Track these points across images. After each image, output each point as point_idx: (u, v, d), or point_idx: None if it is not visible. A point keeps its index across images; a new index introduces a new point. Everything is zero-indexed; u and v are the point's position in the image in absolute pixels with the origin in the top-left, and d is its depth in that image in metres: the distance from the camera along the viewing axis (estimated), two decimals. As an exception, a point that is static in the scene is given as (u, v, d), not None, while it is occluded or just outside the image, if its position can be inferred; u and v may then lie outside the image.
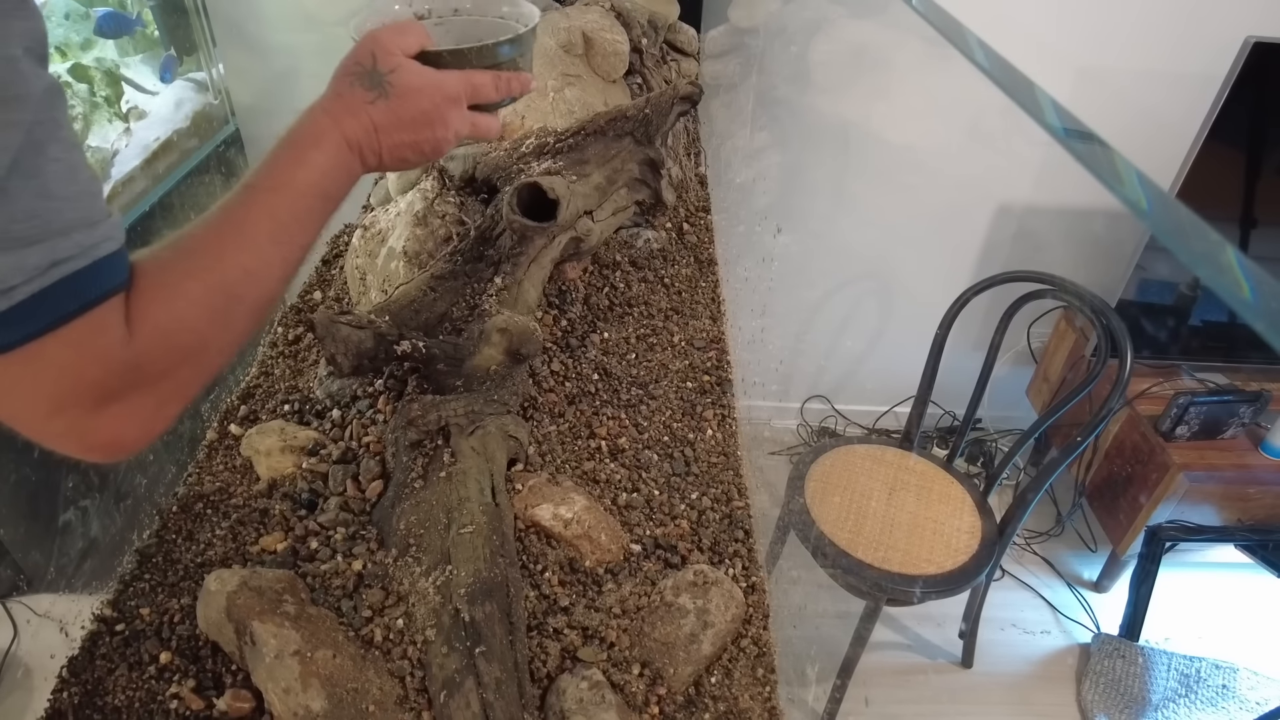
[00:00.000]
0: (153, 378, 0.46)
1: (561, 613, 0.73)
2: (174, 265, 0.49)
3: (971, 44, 0.59)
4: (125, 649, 0.70)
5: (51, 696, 0.66)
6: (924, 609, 1.98)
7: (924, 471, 1.68)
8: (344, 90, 0.64)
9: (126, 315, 0.45)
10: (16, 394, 0.42)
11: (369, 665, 0.66)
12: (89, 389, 0.43)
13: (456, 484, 0.77)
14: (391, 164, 0.67)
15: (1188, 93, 1.74)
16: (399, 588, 0.71)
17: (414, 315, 0.95)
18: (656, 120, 1.20)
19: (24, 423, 0.43)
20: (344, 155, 0.62)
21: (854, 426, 2.47)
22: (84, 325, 0.42)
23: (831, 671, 1.65)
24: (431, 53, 0.68)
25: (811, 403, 2.49)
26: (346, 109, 0.63)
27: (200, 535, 0.80)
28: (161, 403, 0.47)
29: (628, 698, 0.67)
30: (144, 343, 0.45)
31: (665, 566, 0.80)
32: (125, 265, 0.45)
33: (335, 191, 0.61)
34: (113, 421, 0.45)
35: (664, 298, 1.19)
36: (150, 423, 0.47)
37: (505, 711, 0.61)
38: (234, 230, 0.53)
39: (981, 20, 1.74)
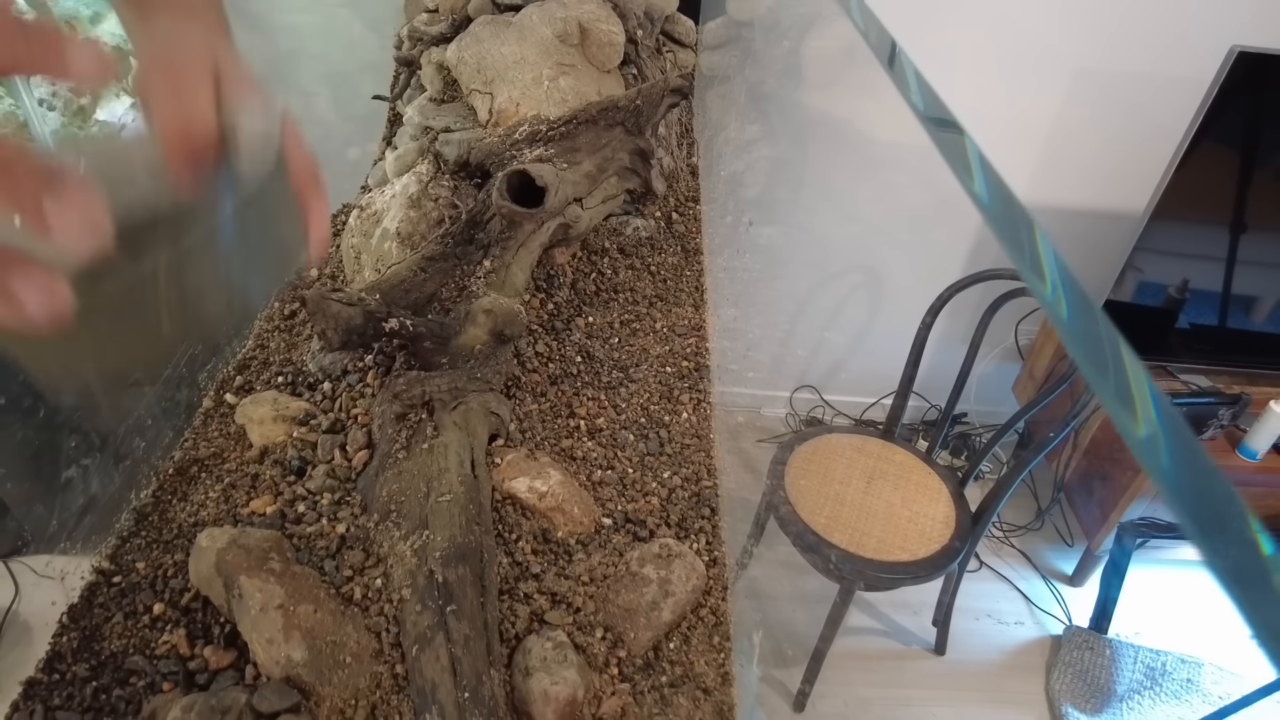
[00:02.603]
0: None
1: (532, 579, 0.78)
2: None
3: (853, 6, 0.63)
4: (121, 599, 0.74)
5: (52, 640, 0.71)
6: (900, 597, 2.02)
7: (903, 462, 1.72)
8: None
9: None
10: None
11: (348, 621, 0.70)
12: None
13: (437, 455, 0.81)
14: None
15: (1179, 97, 1.76)
16: (379, 550, 0.75)
17: (404, 294, 0.99)
18: (647, 111, 1.23)
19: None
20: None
21: (842, 417, 2.52)
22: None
23: (806, 653, 1.70)
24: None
25: (801, 392, 2.53)
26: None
27: (194, 496, 0.84)
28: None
29: (589, 658, 0.72)
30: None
31: (634, 539, 0.84)
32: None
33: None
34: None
35: (649, 285, 1.23)
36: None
37: (472, 666, 0.65)
38: None
39: (983, 21, 1.77)
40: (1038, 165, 2.04)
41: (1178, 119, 1.69)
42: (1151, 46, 1.80)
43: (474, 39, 1.32)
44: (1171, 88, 1.83)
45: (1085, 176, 2.05)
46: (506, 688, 0.69)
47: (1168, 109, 1.82)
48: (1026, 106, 1.94)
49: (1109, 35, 1.81)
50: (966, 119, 0.72)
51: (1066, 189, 2.08)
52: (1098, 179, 2.06)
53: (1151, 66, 1.83)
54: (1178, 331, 2.06)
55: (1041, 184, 2.08)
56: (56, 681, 0.68)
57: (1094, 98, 1.91)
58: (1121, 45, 1.82)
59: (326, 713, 0.66)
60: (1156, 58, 1.81)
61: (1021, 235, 0.39)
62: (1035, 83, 1.90)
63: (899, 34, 0.62)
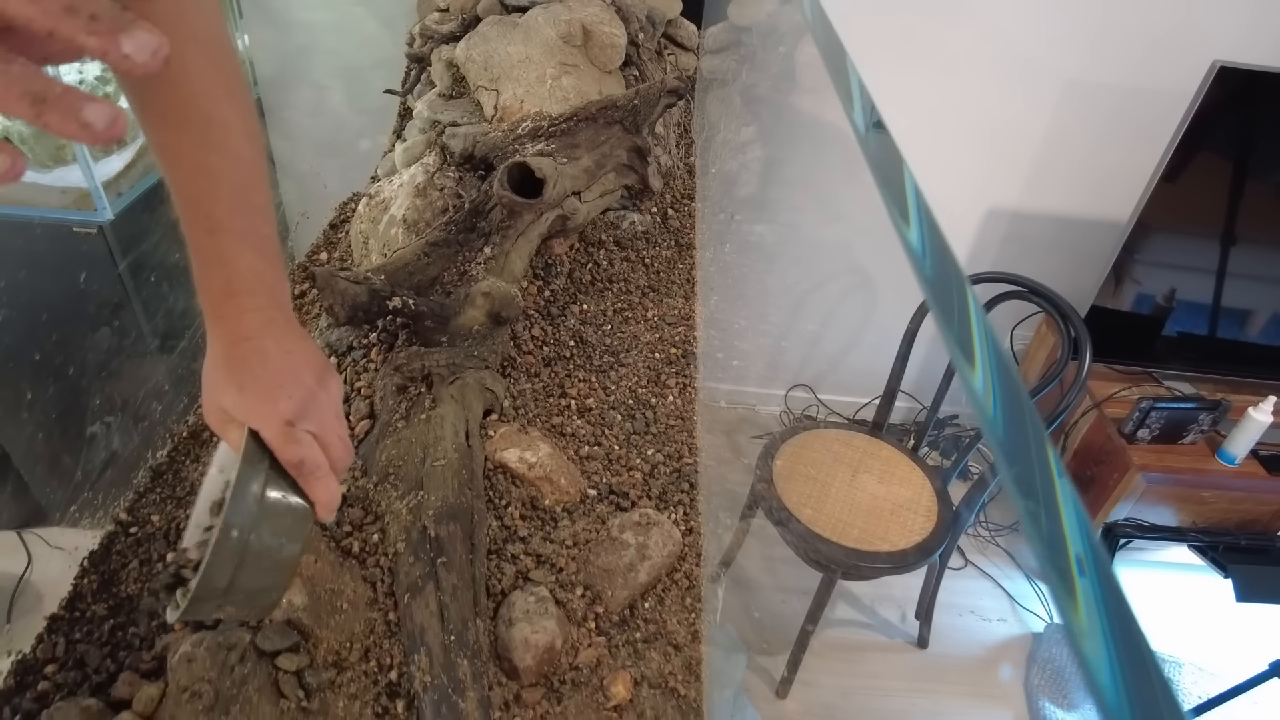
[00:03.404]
0: None
1: (519, 541, 0.83)
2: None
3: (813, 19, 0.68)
4: (137, 548, 0.80)
5: (74, 582, 0.76)
6: (885, 591, 2.07)
7: (888, 457, 1.77)
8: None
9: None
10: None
11: (345, 571, 0.76)
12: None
13: (434, 425, 0.87)
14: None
15: (1165, 109, 1.81)
16: (376, 509, 0.81)
17: (408, 277, 1.05)
18: (645, 110, 1.29)
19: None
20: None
21: (835, 416, 2.57)
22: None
23: (790, 642, 1.75)
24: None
25: (795, 391, 2.58)
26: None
27: (206, 458, 0.90)
28: None
29: (569, 613, 0.77)
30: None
31: (616, 509, 0.89)
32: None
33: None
34: None
35: (643, 276, 1.29)
36: None
37: (459, 613, 0.71)
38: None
39: (975, 32, 1.82)
40: (1028, 173, 2.09)
41: (1164, 131, 1.74)
42: (1138, 59, 1.85)
43: (482, 38, 1.38)
44: (1157, 100, 1.88)
45: (1074, 185, 2.10)
46: (491, 637, 0.74)
47: (1154, 121, 1.86)
48: (1017, 115, 1.99)
49: (1097, 48, 1.86)
50: (958, 126, 0.74)
51: (1056, 196, 2.13)
52: (1086, 187, 2.10)
53: (1138, 79, 1.88)
54: (1164, 339, 2.10)
55: (1031, 191, 2.12)
56: (77, 618, 0.74)
57: (1082, 108, 1.96)
58: (1109, 58, 1.87)
59: (324, 653, 0.72)
60: (1143, 70, 1.86)
61: (891, 173, 0.44)
62: (1025, 92, 1.95)
63: (890, 42, 0.67)
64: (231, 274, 0.54)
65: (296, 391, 0.55)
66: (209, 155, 0.52)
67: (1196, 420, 1.94)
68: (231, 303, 0.54)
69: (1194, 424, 1.94)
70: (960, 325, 0.43)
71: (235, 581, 0.52)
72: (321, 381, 0.58)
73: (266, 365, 0.55)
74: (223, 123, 0.53)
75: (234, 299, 0.54)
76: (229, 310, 0.54)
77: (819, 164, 2.06)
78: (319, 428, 0.55)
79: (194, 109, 0.51)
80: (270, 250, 0.56)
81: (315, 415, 0.55)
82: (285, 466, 0.54)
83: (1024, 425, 0.38)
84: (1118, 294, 2.05)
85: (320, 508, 0.56)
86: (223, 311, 0.55)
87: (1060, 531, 0.35)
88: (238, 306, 0.54)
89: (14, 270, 1.43)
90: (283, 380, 0.55)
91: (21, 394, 1.48)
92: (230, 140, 0.53)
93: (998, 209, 2.19)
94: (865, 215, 2.15)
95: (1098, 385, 2.11)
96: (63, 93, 0.30)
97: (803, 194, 2.09)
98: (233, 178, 0.53)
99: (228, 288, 0.54)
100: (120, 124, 0.31)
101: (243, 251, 0.54)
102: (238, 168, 0.53)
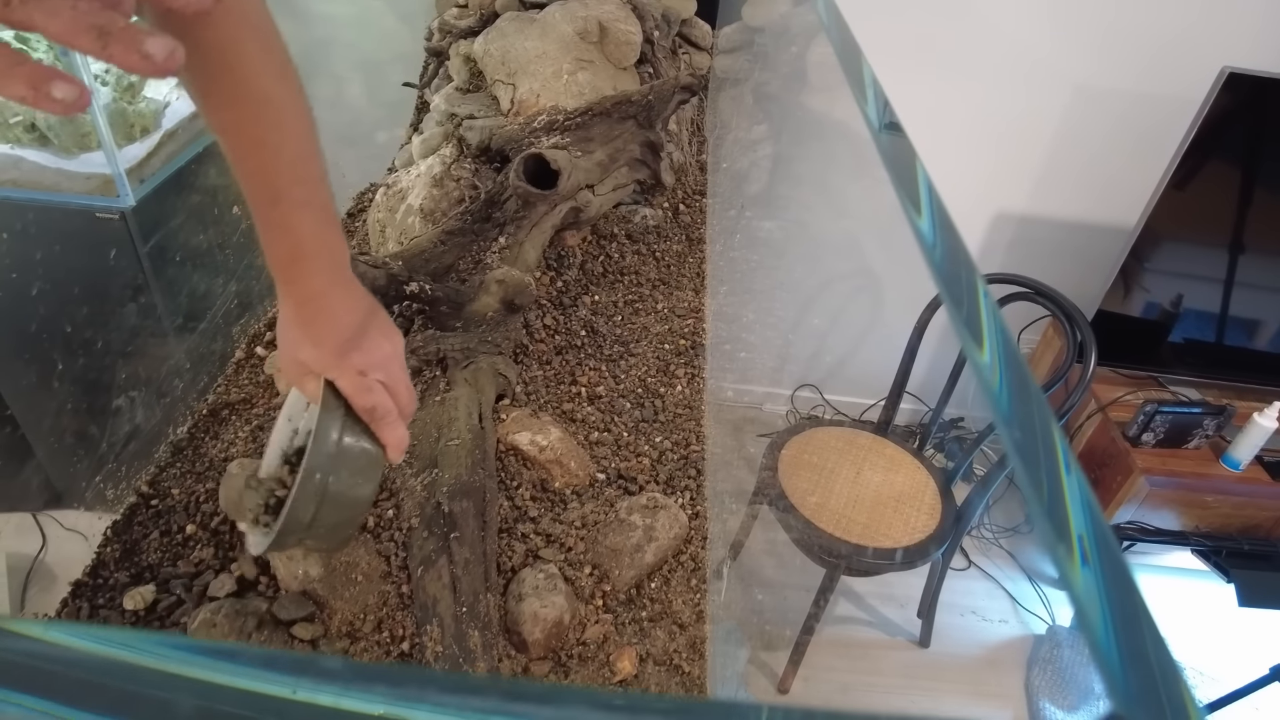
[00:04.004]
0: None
1: (530, 521, 0.85)
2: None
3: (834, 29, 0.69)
4: (158, 520, 0.82)
5: (98, 550, 0.79)
6: (888, 589, 2.09)
7: (892, 455, 1.79)
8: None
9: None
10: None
11: (360, 545, 0.78)
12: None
13: (449, 407, 0.89)
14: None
15: (1175, 115, 1.82)
16: (391, 485, 0.83)
17: (424, 264, 1.07)
18: (658, 106, 1.31)
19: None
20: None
21: (841, 416, 2.58)
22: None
23: (792, 637, 1.76)
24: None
25: (802, 391, 2.59)
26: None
27: (224, 435, 0.92)
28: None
29: (577, 590, 0.79)
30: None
31: (624, 493, 0.91)
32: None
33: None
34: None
35: (654, 269, 1.30)
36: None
37: (471, 585, 0.73)
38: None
39: (981, 35, 1.84)
40: (1036, 177, 2.10)
41: (1173, 137, 1.75)
42: (1147, 65, 1.86)
43: (500, 33, 1.40)
44: (1166, 106, 1.89)
45: (1082, 189, 2.11)
46: (501, 612, 0.76)
47: (1163, 127, 1.87)
48: (1025, 119, 2.00)
49: (1106, 53, 1.87)
50: (967, 129, 0.74)
51: (1064, 201, 2.14)
52: (1094, 192, 2.11)
53: (1147, 84, 1.89)
54: (1170, 344, 2.11)
55: (1039, 195, 2.14)
56: (100, 585, 0.76)
57: (1091, 113, 1.97)
58: (1118, 63, 1.88)
59: (338, 623, 0.74)
60: (1152, 76, 1.87)
61: (903, 163, 0.46)
62: (1034, 96, 1.96)
63: (900, 46, 0.69)
64: (296, 239, 0.58)
65: (366, 344, 0.59)
66: (267, 131, 0.55)
67: (1201, 425, 1.94)
68: (298, 266, 0.58)
69: (1199, 429, 1.95)
70: (970, 310, 0.44)
71: (316, 518, 0.56)
72: (387, 335, 0.62)
73: (336, 321, 0.59)
74: (278, 100, 0.56)
75: (301, 262, 0.58)
76: (297, 273, 0.58)
77: (829, 162, 2.08)
78: (388, 377, 0.60)
79: (251, 88, 0.54)
80: (329, 216, 0.60)
81: (384, 365, 0.60)
82: (360, 413, 0.58)
83: (1028, 400, 0.39)
84: (1125, 299, 2.05)
85: (391, 449, 0.60)
86: (291, 274, 0.59)
87: (1061, 496, 0.36)
88: (304, 269, 0.58)
89: (37, 254, 1.46)
90: (353, 334, 0.59)
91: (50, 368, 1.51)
92: (285, 117, 0.56)
93: (1005, 212, 2.20)
94: (874, 214, 2.16)
95: (1103, 389, 2.12)
96: (125, 27, 0.32)
97: (812, 192, 2.10)
98: (291, 150, 0.56)
99: (294, 252, 0.58)
100: (177, 57, 0.33)
101: (305, 218, 0.57)
102: (294, 141, 0.57)
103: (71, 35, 0.31)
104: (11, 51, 0.32)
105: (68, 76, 0.32)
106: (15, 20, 0.31)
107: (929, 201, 0.52)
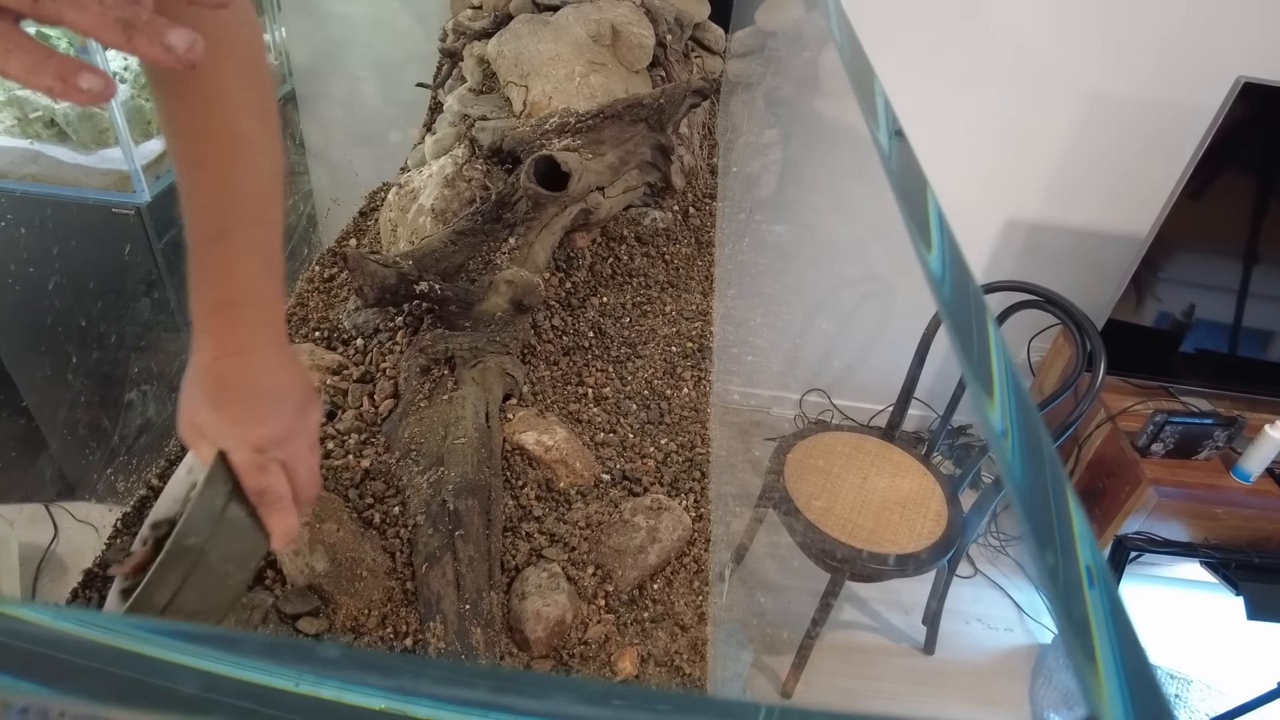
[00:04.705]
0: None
1: (534, 520, 0.86)
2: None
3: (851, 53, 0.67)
4: (168, 512, 0.83)
5: (107, 542, 0.80)
6: (893, 596, 2.08)
7: (899, 461, 1.79)
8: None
9: None
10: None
11: (366, 541, 0.79)
12: None
13: (456, 405, 0.90)
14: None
15: (1189, 124, 1.81)
16: (398, 483, 0.84)
17: (435, 263, 1.08)
18: (669, 109, 1.32)
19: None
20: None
21: (849, 422, 2.58)
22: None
23: (796, 641, 1.77)
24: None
25: (811, 396, 2.59)
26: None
27: (236, 430, 0.93)
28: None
29: (580, 590, 0.80)
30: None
31: (629, 494, 0.92)
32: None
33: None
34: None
35: (662, 272, 1.31)
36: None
37: (474, 583, 0.73)
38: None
39: (994, 41, 1.84)
40: (1048, 184, 2.10)
41: (1187, 145, 1.75)
42: (1160, 73, 1.86)
43: (513, 35, 1.41)
44: (1180, 115, 1.88)
45: (1094, 197, 2.11)
46: (504, 610, 0.77)
47: (1177, 135, 1.87)
48: (1038, 126, 2.00)
49: (1119, 60, 1.87)
50: (979, 135, 0.71)
51: (1075, 208, 2.13)
52: (1106, 201, 2.11)
53: (1160, 93, 1.88)
54: (1181, 354, 2.10)
55: (1051, 202, 2.13)
56: (110, 576, 0.77)
57: (1104, 121, 1.97)
58: (1131, 70, 1.88)
59: (343, 618, 0.75)
60: (1165, 84, 1.87)
61: (913, 192, 0.44)
62: (1047, 103, 1.96)
63: (911, 51, 0.69)
64: (234, 282, 0.54)
65: (272, 417, 0.54)
66: (233, 167, 0.53)
67: (1211, 436, 1.93)
68: (226, 315, 0.54)
69: (1209, 440, 1.94)
70: (980, 357, 0.40)
71: (176, 599, 0.51)
72: (301, 409, 0.57)
73: (249, 385, 0.54)
74: (249, 137, 0.54)
75: (230, 311, 0.54)
76: (222, 323, 0.54)
77: (839, 168, 2.08)
78: (289, 457, 0.54)
79: (224, 121, 0.53)
80: (275, 266, 0.56)
81: (287, 444, 0.54)
82: (247, 493, 0.53)
83: (1043, 471, 0.35)
84: (1136, 308, 2.05)
85: (276, 538, 0.55)
86: (215, 323, 0.54)
87: (1077, 577, 0.32)
88: (234, 318, 0.54)
89: (54, 248, 1.48)
90: (261, 404, 0.54)
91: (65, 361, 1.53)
92: (255, 155, 0.54)
93: (1016, 219, 2.20)
94: (883, 220, 2.16)
95: (1112, 398, 2.11)
96: (149, 20, 0.33)
97: (822, 196, 2.11)
98: (253, 190, 0.54)
99: (225, 299, 0.54)
100: (198, 48, 0.33)
101: (249, 262, 0.54)
102: (258, 181, 0.54)
103: (98, 29, 0.32)
104: (40, 45, 0.33)
105: (94, 68, 0.33)
106: (44, 15, 0.32)
107: (940, 233, 0.49)
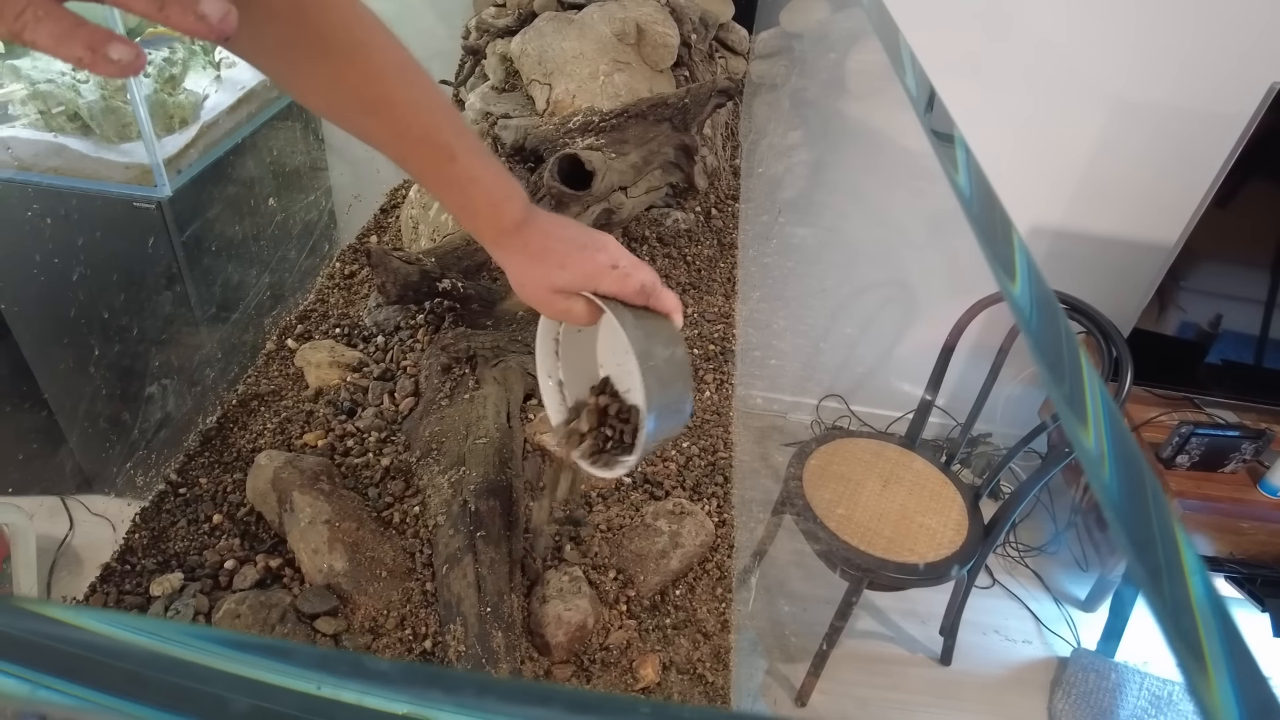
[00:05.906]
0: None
1: (555, 523, 0.85)
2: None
3: (905, 55, 0.66)
4: (186, 508, 0.83)
5: (125, 536, 0.79)
6: (909, 605, 2.06)
7: (920, 469, 1.76)
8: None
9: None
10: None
11: (386, 541, 0.78)
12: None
13: (477, 404, 0.89)
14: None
15: (1221, 132, 1.78)
16: (418, 482, 0.83)
17: (457, 261, 1.07)
18: (694, 109, 1.30)
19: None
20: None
21: (867, 428, 2.55)
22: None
23: (812, 649, 1.74)
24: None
25: (828, 401, 2.57)
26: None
27: (253, 426, 0.93)
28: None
29: (601, 594, 0.78)
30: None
31: (650, 498, 0.90)
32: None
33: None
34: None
35: (684, 273, 1.30)
36: None
37: (495, 585, 0.72)
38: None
39: (1021, 46, 1.81)
40: (1074, 191, 2.07)
41: (1217, 154, 1.72)
42: (1192, 79, 1.83)
43: (537, 33, 1.40)
44: (1211, 122, 1.85)
45: (1121, 205, 2.07)
46: (524, 613, 0.76)
47: (1207, 143, 1.83)
48: (1065, 132, 1.97)
49: (1148, 66, 1.84)
50: (1005, 141, 0.69)
51: (1102, 216, 2.10)
52: (1133, 208, 2.08)
53: (1191, 100, 1.85)
54: (1207, 365, 2.07)
55: (1077, 210, 2.10)
56: (128, 571, 0.77)
57: (1132, 128, 1.94)
58: (1161, 77, 1.85)
59: (361, 619, 0.74)
60: (1197, 91, 1.84)
61: (998, 232, 0.43)
62: (1074, 109, 1.93)
63: (939, 55, 0.68)
64: (489, 187, 0.60)
65: (594, 242, 0.61)
66: (416, 93, 0.57)
67: (1239, 449, 1.90)
68: (501, 209, 0.60)
69: (1236, 452, 1.90)
70: (1072, 383, 0.39)
71: (666, 400, 0.58)
72: (600, 234, 0.64)
73: (565, 240, 0.61)
74: (411, 64, 0.57)
75: (501, 204, 0.60)
76: (502, 216, 0.60)
77: (866, 170, 2.06)
78: (627, 261, 0.62)
79: (391, 58, 0.56)
80: (491, 153, 0.61)
81: (618, 251, 0.62)
82: (633, 298, 0.60)
83: (1144, 491, 0.35)
84: (1161, 318, 2.01)
85: (674, 314, 0.63)
86: (498, 222, 0.61)
87: (1187, 598, 0.32)
88: (507, 210, 0.60)
89: (78, 240, 1.48)
90: (583, 241, 0.61)
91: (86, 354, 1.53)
92: (420, 76, 0.57)
93: (1041, 226, 2.17)
94: (910, 224, 2.14)
95: (1137, 409, 2.08)
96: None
97: (848, 199, 2.09)
98: (441, 105, 0.58)
99: (491, 197, 0.60)
100: (231, 20, 0.33)
101: (484, 164, 0.59)
102: (439, 95, 0.58)
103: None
104: (70, 13, 0.32)
105: (124, 39, 0.32)
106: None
107: (1025, 268, 0.46)
